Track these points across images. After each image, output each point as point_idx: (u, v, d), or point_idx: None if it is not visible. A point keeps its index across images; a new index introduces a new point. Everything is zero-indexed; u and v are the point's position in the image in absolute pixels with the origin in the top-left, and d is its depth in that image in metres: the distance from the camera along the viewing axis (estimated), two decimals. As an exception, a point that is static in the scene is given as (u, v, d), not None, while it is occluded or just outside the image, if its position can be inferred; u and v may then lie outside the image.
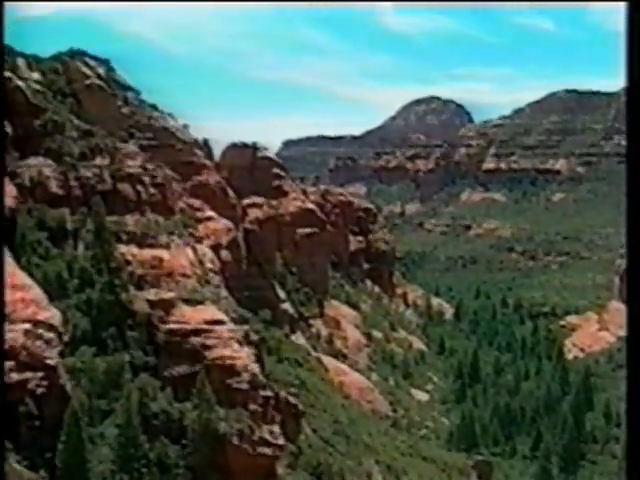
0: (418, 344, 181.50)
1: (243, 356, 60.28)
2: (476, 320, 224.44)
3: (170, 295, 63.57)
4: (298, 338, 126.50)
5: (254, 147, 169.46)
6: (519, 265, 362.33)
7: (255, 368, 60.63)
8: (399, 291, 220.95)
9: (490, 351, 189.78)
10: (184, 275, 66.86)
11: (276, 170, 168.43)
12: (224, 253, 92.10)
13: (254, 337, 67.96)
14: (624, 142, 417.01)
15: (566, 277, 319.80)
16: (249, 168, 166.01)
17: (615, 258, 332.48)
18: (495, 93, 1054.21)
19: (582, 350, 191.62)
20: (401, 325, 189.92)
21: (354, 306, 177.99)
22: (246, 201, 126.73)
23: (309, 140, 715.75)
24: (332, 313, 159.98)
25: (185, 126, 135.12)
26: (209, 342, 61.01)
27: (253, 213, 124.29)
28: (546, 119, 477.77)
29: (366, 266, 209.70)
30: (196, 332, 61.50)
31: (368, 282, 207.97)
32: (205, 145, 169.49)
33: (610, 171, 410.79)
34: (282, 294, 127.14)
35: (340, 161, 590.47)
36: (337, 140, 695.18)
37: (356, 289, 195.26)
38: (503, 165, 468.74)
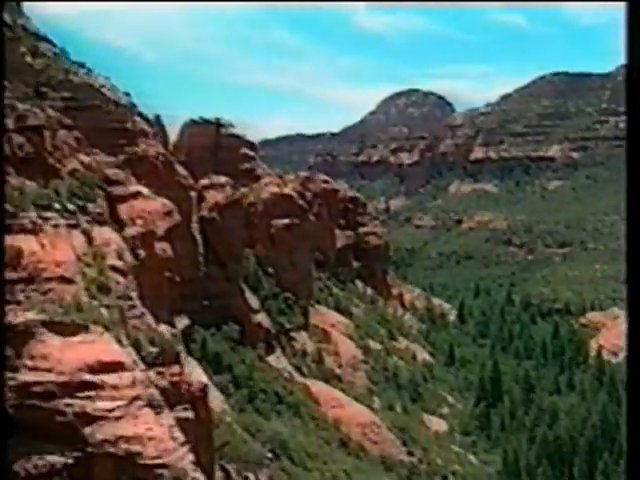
0: (422, 354, 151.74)
1: (159, 435, 30.20)
2: (484, 322, 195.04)
3: (25, 317, 33.64)
4: (278, 359, 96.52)
5: (218, 123, 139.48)
6: (518, 259, 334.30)
7: (187, 459, 30.49)
8: (394, 292, 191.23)
9: (506, 359, 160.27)
10: (61, 279, 36.84)
11: (245, 150, 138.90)
12: (160, 246, 61.75)
13: (192, 384, 37.71)
14: (621, 124, 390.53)
15: (571, 270, 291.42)
16: (212, 148, 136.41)
17: (624, 246, 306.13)
18: (472, 91, 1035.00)
19: (614, 353, 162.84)
20: (401, 332, 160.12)
21: (345, 312, 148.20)
22: (204, 182, 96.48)
23: (286, 139, 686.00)
24: (319, 322, 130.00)
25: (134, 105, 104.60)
26: (93, 408, 30.88)
27: (212, 197, 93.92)
28: (536, 104, 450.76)
29: (356, 264, 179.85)
30: (68, 389, 31.35)
31: (359, 283, 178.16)
32: (157, 122, 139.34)
33: (608, 155, 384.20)
34: (254, 302, 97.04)
35: (319, 158, 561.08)
36: (315, 138, 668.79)
37: (346, 291, 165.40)
38: (492, 154, 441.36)
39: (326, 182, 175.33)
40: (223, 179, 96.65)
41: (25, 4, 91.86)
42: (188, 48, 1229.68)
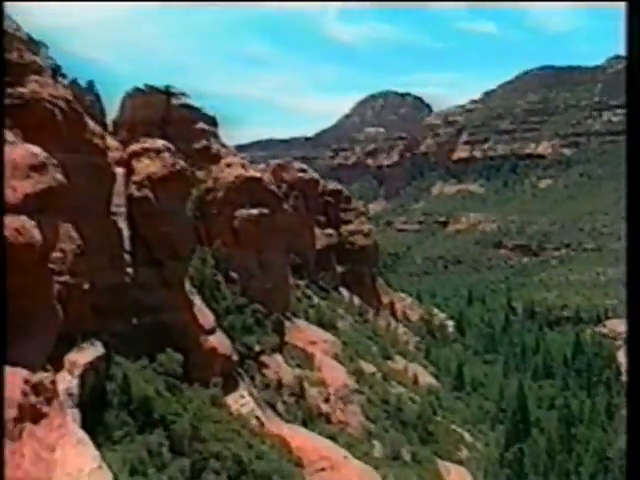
0: (424, 376, 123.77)
1: None
2: (490, 334, 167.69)
3: None
4: (242, 398, 67.98)
5: (167, 92, 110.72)
6: (511, 262, 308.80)
7: None
8: (385, 300, 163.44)
9: (523, 378, 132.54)
10: None
11: (202, 125, 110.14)
12: (22, 224, 33.40)
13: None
14: (614, 118, 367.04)
15: (572, 273, 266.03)
16: (160, 123, 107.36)
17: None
18: (445, 97, 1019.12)
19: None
20: (396, 349, 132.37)
21: (329, 326, 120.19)
22: (133, 147, 67.42)
23: (259, 143, 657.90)
24: (298, 340, 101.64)
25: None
26: None
27: (144, 168, 64.73)
28: (521, 99, 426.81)
29: (340, 268, 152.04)
30: None
31: (344, 291, 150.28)
32: (90, 90, 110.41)
33: (602, 151, 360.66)
34: (208, 318, 68.25)
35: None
36: (289, 142, 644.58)
37: (329, 301, 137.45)
38: (477, 153, 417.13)
39: (303, 171, 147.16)
40: (160, 143, 68.32)
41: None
42: (163, 59, 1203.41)
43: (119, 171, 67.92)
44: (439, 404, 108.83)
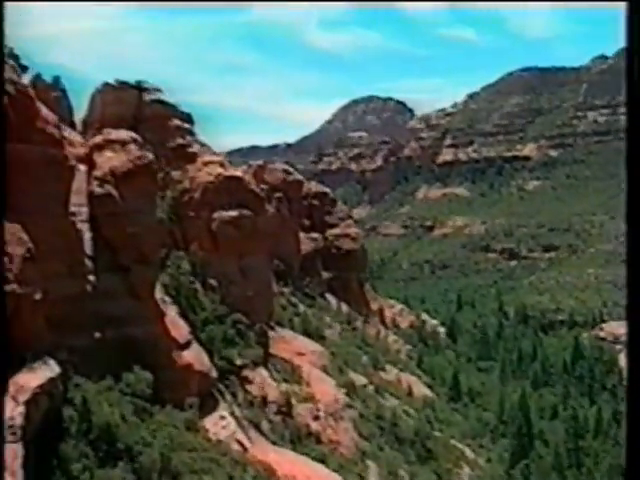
0: (419, 387, 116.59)
1: None
2: (483, 340, 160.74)
3: None
4: (222, 420, 60.41)
5: (139, 87, 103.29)
6: (499, 266, 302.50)
7: None
8: (374, 307, 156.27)
9: (522, 386, 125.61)
10: None
11: (177, 122, 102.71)
12: None
13: None
14: (600, 118, 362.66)
15: (562, 275, 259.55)
16: (131, 120, 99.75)
17: (618, 248, 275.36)
18: (427, 103, 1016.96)
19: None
20: (387, 359, 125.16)
21: (316, 336, 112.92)
22: (95, 139, 59.69)
23: (240, 151, 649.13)
24: (284, 352, 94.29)
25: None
26: None
27: (107, 162, 56.95)
28: (505, 101, 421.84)
29: (326, 274, 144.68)
30: None
31: (331, 297, 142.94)
32: (56, 85, 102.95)
33: (588, 151, 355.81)
34: (183, 330, 60.52)
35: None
36: (270, 149, 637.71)
37: (315, 309, 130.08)
38: (462, 156, 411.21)
39: (286, 172, 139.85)
40: (125, 134, 60.62)
41: None
42: (143, 69, 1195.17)
43: (81, 168, 60.49)
44: (435, 417, 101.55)
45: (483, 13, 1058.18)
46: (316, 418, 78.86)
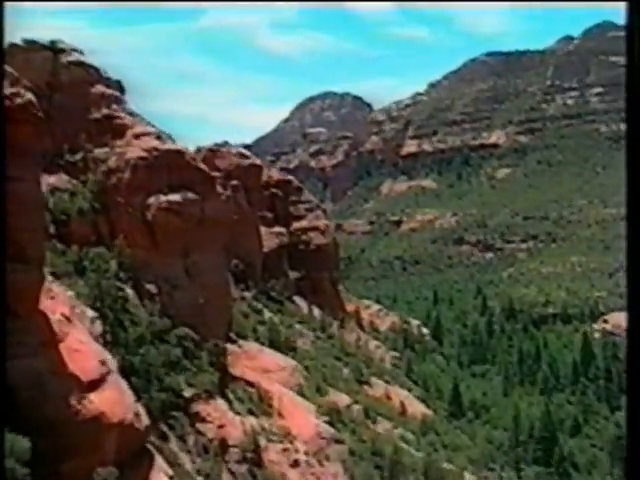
0: (412, 402, 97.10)
1: None
2: (472, 341, 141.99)
3: None
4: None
5: (54, 48, 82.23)
6: (474, 259, 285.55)
7: None
8: (349, 309, 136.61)
9: (530, 393, 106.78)
10: None
11: (101, 88, 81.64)
12: None
13: None
14: (569, 101, 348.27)
15: (544, 265, 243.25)
16: (45, 89, 78.53)
17: (599, 234, 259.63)
18: (383, 96, 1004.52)
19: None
20: (372, 370, 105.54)
21: (286, 347, 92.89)
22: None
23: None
24: (248, 371, 74.11)
25: None
26: None
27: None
28: (469, 88, 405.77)
29: (294, 274, 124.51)
30: None
31: (300, 301, 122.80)
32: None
33: (559, 136, 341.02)
34: (92, 360, 40.46)
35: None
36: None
37: (284, 315, 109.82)
38: (426, 147, 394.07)
39: (243, 156, 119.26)
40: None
41: None
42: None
43: None
44: (441, 442, 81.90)
45: (433, 12, 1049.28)
46: (295, 464, 58.62)
